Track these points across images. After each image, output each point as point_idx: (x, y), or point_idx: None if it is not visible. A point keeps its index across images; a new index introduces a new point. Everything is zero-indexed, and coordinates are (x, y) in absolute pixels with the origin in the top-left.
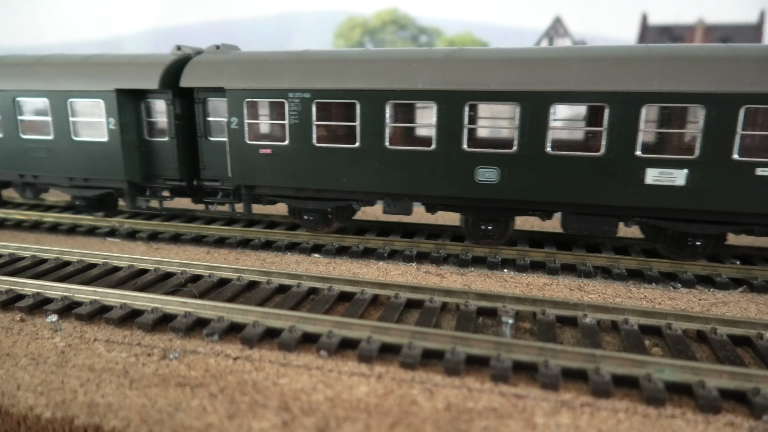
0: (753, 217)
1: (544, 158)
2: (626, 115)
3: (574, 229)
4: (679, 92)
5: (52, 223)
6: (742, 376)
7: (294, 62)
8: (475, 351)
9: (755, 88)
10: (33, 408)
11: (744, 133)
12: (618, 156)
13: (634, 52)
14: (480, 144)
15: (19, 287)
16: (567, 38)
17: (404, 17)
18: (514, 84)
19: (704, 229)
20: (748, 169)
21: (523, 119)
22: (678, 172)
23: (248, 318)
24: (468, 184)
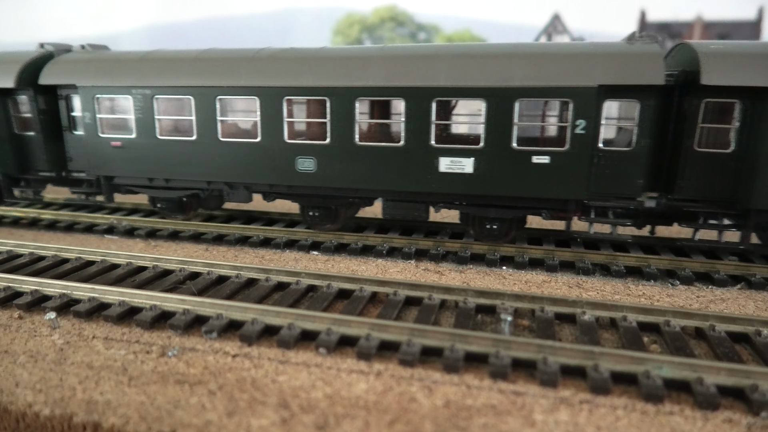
0: (536, 201)
1: (354, 149)
2: (419, 108)
3: (390, 214)
4: (462, 87)
5: (50, 220)
6: (741, 372)
7: (138, 61)
8: (474, 348)
9: (526, 83)
10: (32, 405)
11: (520, 124)
12: (416, 146)
13: (426, 51)
14: (299, 136)
15: (18, 284)
16: (566, 35)
17: (402, 14)
18: (323, 80)
19: (498, 213)
20: (525, 158)
21: (333, 113)
22: (466, 161)
23: (247, 315)
24: (290, 173)
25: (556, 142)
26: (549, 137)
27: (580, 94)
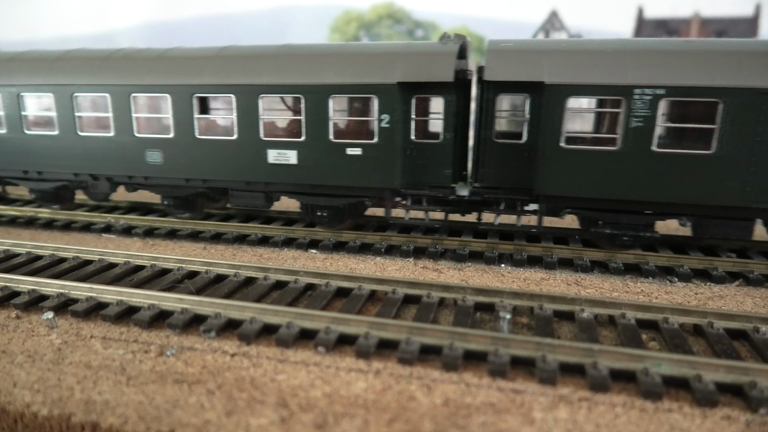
0: (356, 190)
1: (195, 142)
2: (248, 104)
3: (236, 204)
4: (283, 84)
5: (48, 219)
6: (739, 369)
7: (7, 61)
8: (472, 346)
9: (337, 80)
10: (30, 405)
11: (335, 119)
12: (247, 139)
13: (252, 51)
14: (146, 130)
15: (15, 284)
16: (563, 32)
17: (400, 11)
18: (165, 79)
19: (326, 201)
20: (340, 149)
21: (175, 109)
22: (291, 153)
23: (245, 314)
24: (142, 165)
25: (366, 135)
26: (360, 131)
27: (383, 91)
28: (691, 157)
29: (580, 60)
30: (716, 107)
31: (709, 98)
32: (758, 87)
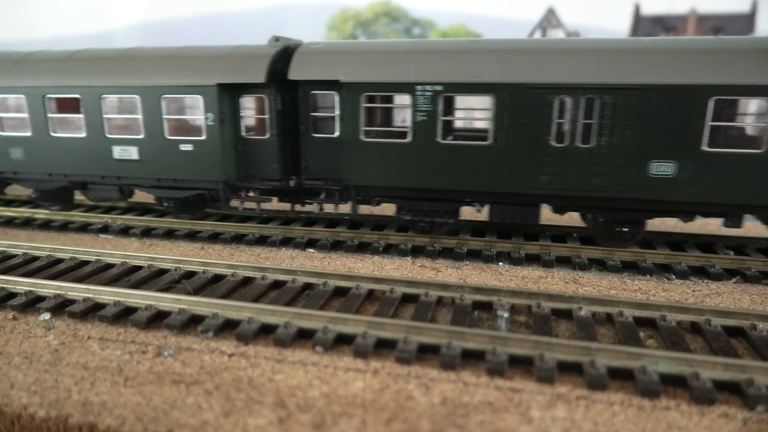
0: (193, 183)
1: (49, 139)
2: (93, 104)
3: (93, 197)
4: (120, 86)
5: (44, 219)
6: (736, 367)
7: None
8: (470, 345)
9: (167, 82)
10: (27, 407)
11: (168, 118)
12: (95, 137)
13: (100, 54)
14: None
15: (11, 285)
16: (560, 29)
17: (397, 9)
18: (19, 81)
19: (170, 194)
20: (174, 145)
21: (30, 109)
22: (132, 149)
23: (243, 314)
24: (7, 161)
25: (196, 132)
26: (192, 128)
27: (206, 91)
28: (473, 148)
29: (372, 60)
30: (488, 102)
31: (483, 94)
32: (522, 82)
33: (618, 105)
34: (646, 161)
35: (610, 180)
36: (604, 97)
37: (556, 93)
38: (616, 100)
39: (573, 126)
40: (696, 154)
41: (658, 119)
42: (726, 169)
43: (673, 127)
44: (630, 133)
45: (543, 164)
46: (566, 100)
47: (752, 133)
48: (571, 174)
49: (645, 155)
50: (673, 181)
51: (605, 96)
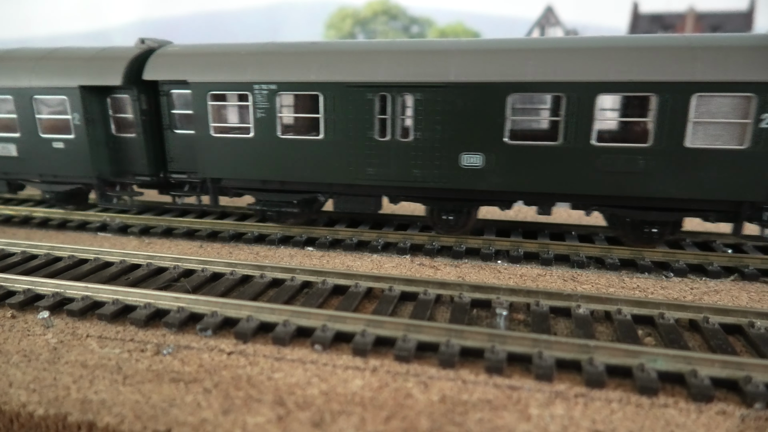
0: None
1: None
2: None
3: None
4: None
5: (43, 218)
6: (734, 364)
7: None
8: (469, 343)
9: (40, 83)
10: (26, 405)
11: (41, 117)
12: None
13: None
14: None
15: (10, 284)
16: (559, 27)
17: (395, 7)
18: None
19: (53, 188)
20: (48, 143)
21: None
22: (11, 146)
23: (242, 312)
24: None
25: (66, 131)
26: (62, 127)
27: (70, 93)
28: (306, 142)
29: (216, 61)
30: (317, 99)
31: (312, 92)
32: (345, 81)
33: (428, 102)
34: (457, 154)
35: (428, 171)
36: (416, 95)
37: (376, 91)
38: (426, 98)
39: (393, 122)
40: (499, 147)
41: (465, 115)
42: (527, 160)
43: (478, 122)
44: (440, 127)
45: (369, 157)
46: (385, 97)
47: (548, 126)
48: (394, 166)
49: (456, 148)
50: (482, 172)
51: (417, 93)
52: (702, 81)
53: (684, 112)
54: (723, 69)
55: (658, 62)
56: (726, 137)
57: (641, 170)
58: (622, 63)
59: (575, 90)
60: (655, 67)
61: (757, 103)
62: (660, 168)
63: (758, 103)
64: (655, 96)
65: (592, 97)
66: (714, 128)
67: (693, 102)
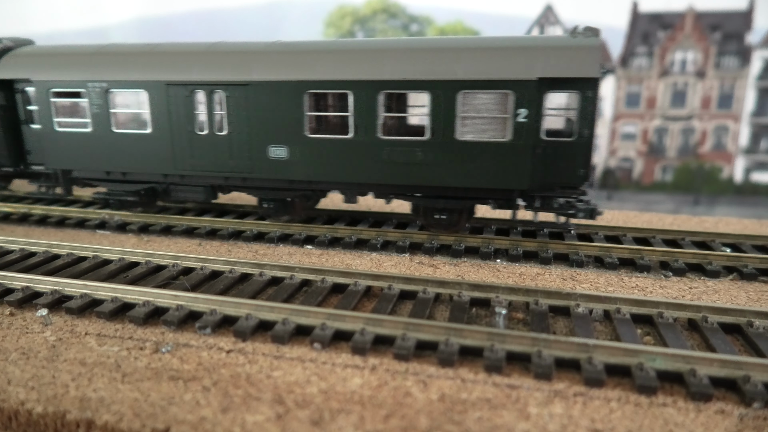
0: None
1: None
2: None
3: None
4: None
5: (41, 215)
6: (733, 364)
7: None
8: (468, 342)
9: None
10: (24, 403)
11: None
12: None
13: None
14: None
15: (8, 281)
16: (558, 26)
17: (394, 5)
18: None
19: None
20: None
21: None
22: None
23: (241, 311)
24: None
25: None
26: None
27: None
28: (137, 137)
29: (57, 61)
30: (144, 96)
31: (137, 89)
32: (167, 80)
33: (236, 99)
34: (265, 146)
35: (242, 163)
36: (226, 92)
37: (191, 89)
38: (234, 95)
39: (209, 117)
40: (301, 140)
41: (269, 110)
42: (325, 153)
43: (281, 117)
44: (249, 122)
45: (191, 150)
46: (200, 94)
47: (340, 122)
48: (213, 158)
49: (264, 141)
50: (288, 163)
51: (226, 91)
52: (465, 79)
53: (452, 108)
54: (484, 68)
55: (429, 62)
56: (491, 131)
57: (421, 161)
58: (399, 63)
59: (360, 88)
60: (427, 67)
61: (514, 99)
62: (437, 159)
63: (515, 100)
64: (427, 93)
65: (375, 94)
66: (480, 123)
67: (459, 99)
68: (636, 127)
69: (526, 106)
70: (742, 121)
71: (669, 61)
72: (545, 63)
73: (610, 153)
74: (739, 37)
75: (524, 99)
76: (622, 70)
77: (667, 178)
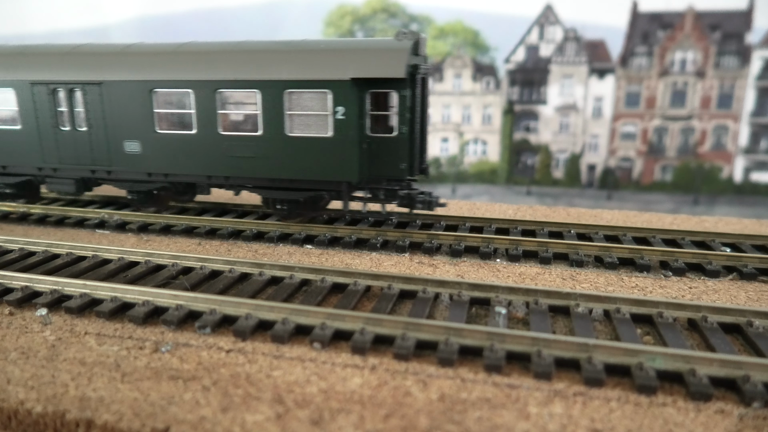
0: None
1: None
2: None
3: None
4: None
5: (41, 214)
6: (733, 363)
7: None
8: (468, 342)
9: None
10: (24, 402)
11: None
12: None
13: None
14: None
15: (8, 281)
16: (558, 26)
17: (394, 5)
18: None
19: None
20: None
21: None
22: None
23: (241, 310)
24: None
25: None
26: None
27: None
28: (11, 132)
29: None
30: (12, 94)
31: (6, 88)
32: (31, 79)
33: (92, 97)
34: (121, 141)
35: (101, 156)
36: (83, 91)
37: (52, 88)
38: (90, 93)
39: (70, 114)
40: (151, 135)
41: (122, 107)
42: (174, 147)
43: (133, 114)
44: (104, 118)
45: (57, 144)
46: (61, 93)
47: (185, 118)
48: (77, 152)
49: (119, 136)
50: (142, 157)
51: (83, 90)
52: (290, 79)
53: (280, 105)
54: (305, 69)
55: (259, 64)
56: (315, 127)
57: (257, 155)
58: (233, 64)
59: (200, 87)
60: (257, 68)
61: (332, 98)
62: (270, 153)
63: (333, 98)
64: (258, 92)
65: (212, 93)
66: (306, 119)
67: (286, 97)
68: (636, 127)
69: (343, 104)
70: (742, 121)
71: (669, 60)
72: (357, 64)
73: (609, 153)
74: (739, 37)
75: (341, 98)
76: (622, 69)
77: (667, 178)
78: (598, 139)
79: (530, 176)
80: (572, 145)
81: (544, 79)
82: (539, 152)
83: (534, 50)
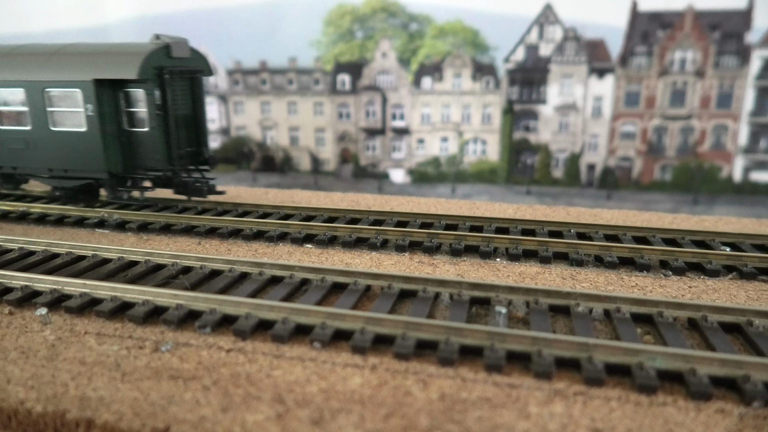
0: None
1: None
2: None
3: None
4: None
5: (40, 213)
6: (733, 363)
7: None
8: (468, 341)
9: None
10: (24, 402)
11: None
12: None
13: None
14: None
15: (7, 280)
16: (558, 25)
17: (394, 4)
18: None
19: None
20: None
21: None
22: None
23: (241, 310)
24: None
25: None
26: None
27: None
28: None
29: None
30: None
31: None
32: None
33: None
34: None
35: None
36: None
37: None
38: None
39: None
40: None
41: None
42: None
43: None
44: None
45: None
46: None
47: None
48: None
49: None
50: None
51: None
52: (48, 80)
53: (43, 102)
54: (59, 70)
55: (23, 65)
56: (75, 122)
57: (29, 147)
58: (3, 66)
59: None
60: (24, 69)
61: (82, 96)
62: (38, 146)
63: (83, 96)
64: (24, 90)
65: None
66: (66, 116)
67: (46, 95)
68: (635, 127)
69: (91, 102)
70: (741, 121)
71: (668, 60)
72: (99, 67)
73: (609, 152)
74: (739, 37)
75: (88, 96)
76: (622, 69)
77: (667, 178)
78: (598, 139)
79: (530, 176)
80: (572, 144)
81: (544, 79)
82: (539, 152)
83: (534, 50)
